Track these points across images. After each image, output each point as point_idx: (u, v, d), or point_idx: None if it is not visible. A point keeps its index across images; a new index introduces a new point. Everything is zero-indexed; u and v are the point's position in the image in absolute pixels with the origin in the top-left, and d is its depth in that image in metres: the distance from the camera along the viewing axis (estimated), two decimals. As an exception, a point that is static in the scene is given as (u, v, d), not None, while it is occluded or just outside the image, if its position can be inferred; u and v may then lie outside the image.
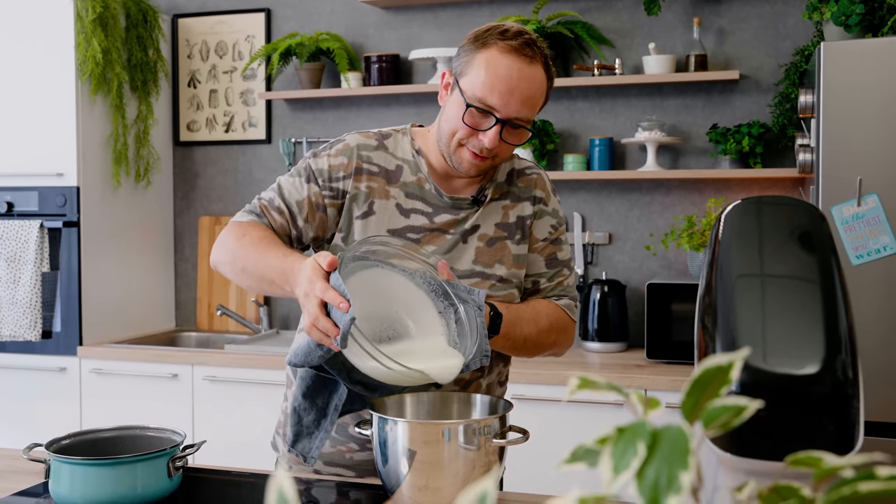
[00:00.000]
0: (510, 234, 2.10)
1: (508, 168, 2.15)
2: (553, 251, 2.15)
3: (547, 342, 2.10)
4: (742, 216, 1.43)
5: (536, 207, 2.13)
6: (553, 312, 2.11)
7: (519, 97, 1.94)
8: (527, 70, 1.94)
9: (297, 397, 1.92)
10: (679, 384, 3.47)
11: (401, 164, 2.08)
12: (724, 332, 1.28)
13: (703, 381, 0.72)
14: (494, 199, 2.11)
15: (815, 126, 3.31)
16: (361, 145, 2.09)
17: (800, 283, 1.34)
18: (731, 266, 1.35)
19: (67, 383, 4.24)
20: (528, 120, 1.98)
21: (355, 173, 2.05)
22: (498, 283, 2.07)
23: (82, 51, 4.19)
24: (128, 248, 4.54)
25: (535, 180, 2.16)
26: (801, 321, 1.28)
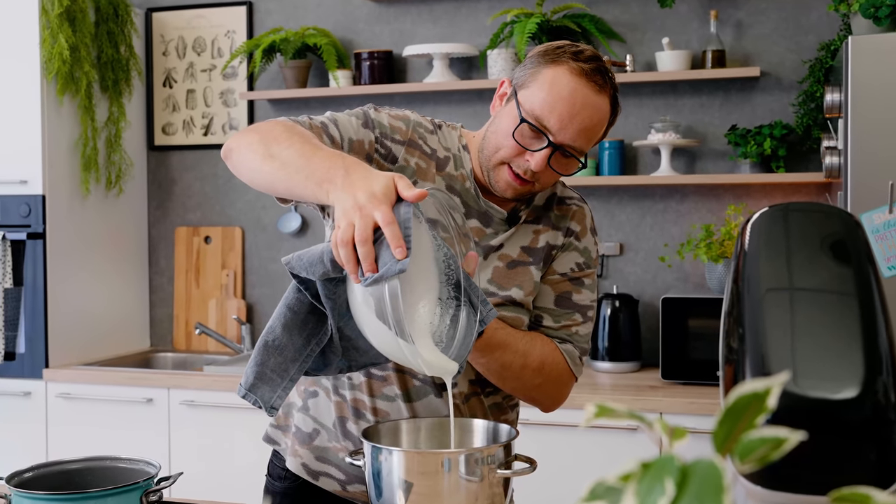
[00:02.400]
0: (535, 259, 2.07)
1: (549, 193, 2.12)
2: (568, 290, 2.09)
3: (530, 383, 2.03)
4: (770, 225, 1.41)
5: (567, 240, 2.10)
6: (550, 356, 2.05)
7: (579, 124, 1.91)
8: (593, 98, 1.92)
9: (275, 329, 1.76)
10: (697, 407, 3.46)
11: (449, 155, 2.07)
12: (752, 351, 1.26)
13: (736, 409, 0.70)
14: (528, 222, 2.09)
15: (842, 127, 3.29)
16: (418, 122, 2.07)
17: (835, 297, 1.32)
18: (759, 279, 1.33)
19: (32, 409, 4.21)
20: (582, 151, 1.95)
21: (409, 145, 2.03)
22: (509, 304, 2.05)
23: (48, 48, 4.17)
24: (98, 261, 4.51)
25: (575, 212, 2.12)
26: (837, 339, 1.26)
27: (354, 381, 2.06)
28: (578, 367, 2.08)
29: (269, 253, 4.66)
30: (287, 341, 1.75)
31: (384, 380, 2.03)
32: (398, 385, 2.02)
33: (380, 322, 1.56)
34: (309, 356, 1.77)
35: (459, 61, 4.40)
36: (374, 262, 1.52)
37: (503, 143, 1.95)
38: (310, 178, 1.65)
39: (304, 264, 1.64)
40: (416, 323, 1.68)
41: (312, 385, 2.15)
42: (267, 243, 4.68)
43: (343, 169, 1.61)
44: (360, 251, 1.52)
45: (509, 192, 1.99)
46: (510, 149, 1.94)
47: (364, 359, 1.80)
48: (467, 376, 2.05)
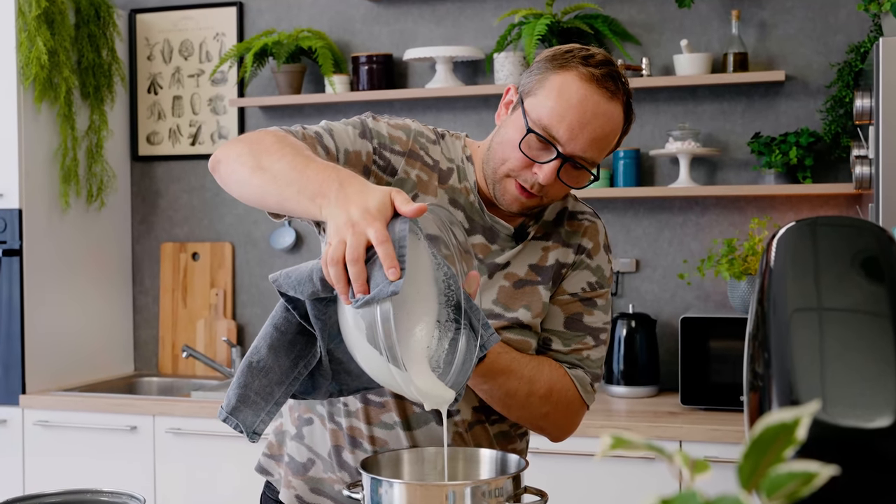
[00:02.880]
0: (544, 278, 2.07)
1: (560, 207, 2.11)
2: (579, 311, 2.08)
3: (537, 412, 2.02)
4: (797, 240, 1.41)
5: (578, 258, 2.09)
6: (559, 382, 2.04)
7: (590, 134, 1.91)
8: (605, 106, 1.91)
9: (260, 350, 1.74)
10: (720, 434, 3.45)
11: (452, 166, 2.07)
12: (779, 377, 1.25)
13: (763, 441, 0.69)
14: (536, 238, 2.08)
15: (873, 134, 3.29)
16: (420, 132, 2.07)
17: (867, 318, 1.32)
18: (785, 299, 1.32)
19: (8, 438, 4.21)
20: (593, 162, 1.95)
21: (409, 155, 2.03)
22: (516, 326, 2.04)
23: (25, 52, 4.18)
24: (78, 279, 4.52)
25: (587, 228, 2.11)
26: (869, 363, 1.25)
27: (351, 408, 2.06)
28: (590, 394, 2.08)
29: (261, 270, 4.67)
30: (273, 363, 1.73)
31: (382, 406, 2.03)
32: (397, 412, 2.02)
33: (371, 347, 1.56)
34: (296, 379, 1.76)
35: (464, 65, 4.41)
36: (365, 283, 1.52)
37: (509, 155, 1.95)
38: (302, 192, 1.64)
39: (293, 282, 1.63)
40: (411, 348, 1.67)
41: (307, 412, 2.15)
42: (258, 260, 4.68)
43: (337, 182, 1.61)
44: (351, 271, 1.51)
45: (515, 206, 1.98)
46: (517, 161, 1.94)
47: (356, 383, 1.79)
48: (470, 403, 2.05)
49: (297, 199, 1.65)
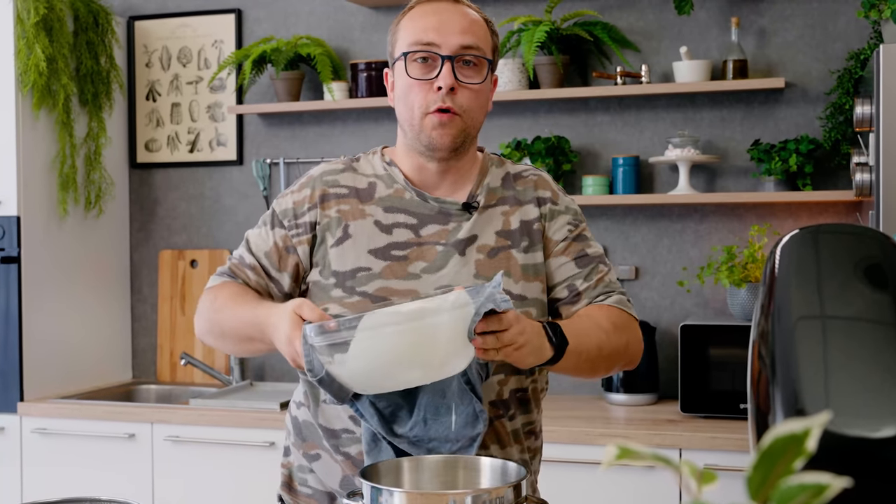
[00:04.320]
0: (514, 242, 2.12)
1: (502, 173, 2.19)
2: (580, 248, 2.17)
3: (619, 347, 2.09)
4: (800, 248, 1.40)
5: (544, 209, 2.17)
6: (611, 313, 2.11)
7: (457, 27, 2.05)
8: (452, 7, 2.08)
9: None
10: (720, 442, 3.44)
11: (373, 180, 2.17)
12: (784, 385, 1.24)
13: (772, 452, 0.68)
14: (491, 206, 2.14)
15: (873, 141, 3.29)
16: (326, 172, 2.19)
17: (871, 326, 1.31)
18: (789, 307, 1.32)
19: (5, 446, 4.20)
20: (478, 49, 2.05)
21: (321, 201, 2.14)
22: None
23: (23, 59, 4.17)
24: (76, 287, 4.51)
25: (536, 181, 2.20)
26: (873, 372, 1.25)
27: (356, 435, 2.08)
28: (631, 308, 2.17)
29: (260, 277, 4.65)
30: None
31: None
32: None
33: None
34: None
35: (463, 72, 4.40)
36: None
37: (411, 98, 2.07)
38: (254, 342, 2.03)
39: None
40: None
41: (313, 448, 2.18)
42: (257, 267, 4.67)
43: (260, 327, 1.98)
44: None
45: (446, 137, 2.06)
46: (418, 93, 2.05)
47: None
48: (487, 397, 2.06)
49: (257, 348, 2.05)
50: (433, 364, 1.81)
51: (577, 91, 4.10)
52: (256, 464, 3.88)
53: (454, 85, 2.02)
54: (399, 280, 2.08)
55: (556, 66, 4.11)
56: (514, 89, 4.16)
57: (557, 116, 4.30)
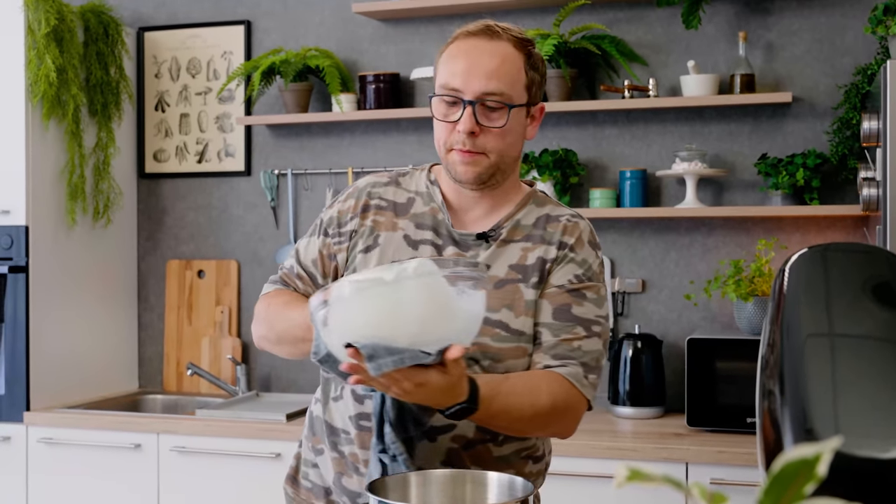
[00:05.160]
0: (525, 276, 2.12)
1: (540, 213, 2.19)
2: (567, 302, 2.11)
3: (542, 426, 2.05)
4: (809, 267, 1.40)
5: (561, 253, 2.14)
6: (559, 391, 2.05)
7: (481, 72, 2.06)
8: (487, 45, 2.09)
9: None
10: (727, 456, 3.44)
11: (413, 196, 2.21)
12: (793, 404, 1.24)
13: (784, 477, 0.68)
14: (514, 241, 2.15)
15: (880, 156, 3.29)
16: (372, 184, 2.24)
17: (880, 345, 1.31)
18: (799, 325, 1.32)
19: (12, 455, 4.20)
20: (501, 94, 2.06)
21: (362, 211, 2.20)
22: (504, 332, 2.08)
23: (34, 69, 4.19)
24: (84, 296, 4.51)
25: (567, 226, 2.17)
26: (883, 391, 1.25)
27: (350, 435, 2.12)
28: (588, 387, 2.10)
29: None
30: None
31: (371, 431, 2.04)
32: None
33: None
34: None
35: (471, 85, 4.40)
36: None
37: (438, 134, 2.11)
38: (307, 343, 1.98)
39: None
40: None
41: (319, 443, 2.23)
42: (264, 278, 4.67)
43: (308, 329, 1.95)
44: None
45: (469, 173, 2.09)
46: (443, 131, 2.09)
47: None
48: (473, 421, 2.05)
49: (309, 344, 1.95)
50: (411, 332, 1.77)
51: (584, 104, 4.11)
52: (262, 475, 3.88)
53: (474, 129, 2.05)
54: None
55: (564, 79, 4.12)
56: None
57: (565, 129, 4.30)
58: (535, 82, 2.13)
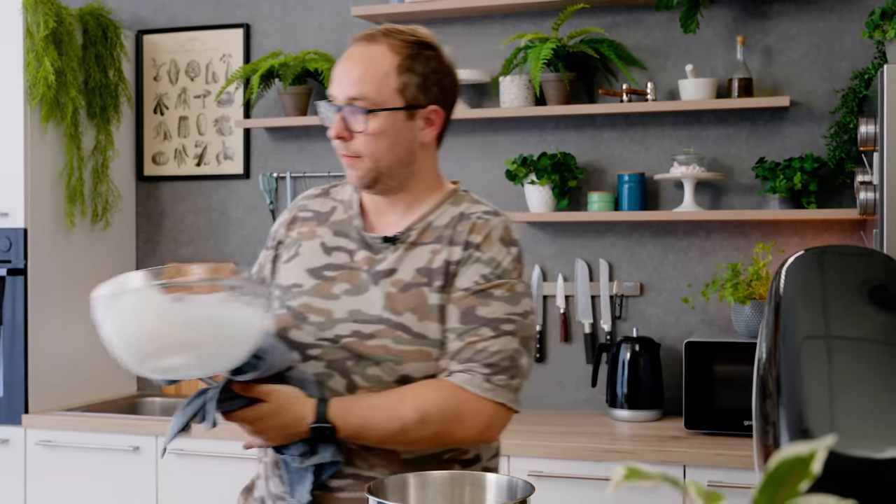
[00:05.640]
0: (430, 280, 2.12)
1: (454, 213, 2.19)
2: (472, 305, 2.09)
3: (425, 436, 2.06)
4: (806, 270, 1.41)
5: (466, 253, 2.13)
6: (431, 398, 2.06)
7: (347, 77, 2.11)
8: (360, 51, 2.13)
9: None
10: (724, 459, 3.44)
11: (336, 205, 2.28)
12: (789, 405, 1.25)
13: (778, 475, 0.69)
14: (424, 243, 2.16)
15: (877, 160, 3.30)
16: (305, 196, 2.35)
17: (876, 347, 1.32)
18: (795, 327, 1.33)
19: (10, 457, 4.20)
20: (365, 99, 2.09)
21: (289, 223, 2.30)
22: (406, 335, 2.09)
23: (32, 71, 4.19)
24: (82, 299, 4.48)
25: (476, 225, 2.16)
26: (879, 393, 1.26)
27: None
28: (494, 390, 2.06)
29: (265, 291, 4.66)
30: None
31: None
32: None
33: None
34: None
35: (470, 88, 4.42)
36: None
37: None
38: None
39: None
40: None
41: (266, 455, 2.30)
42: (263, 281, 4.67)
43: None
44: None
45: (351, 177, 2.16)
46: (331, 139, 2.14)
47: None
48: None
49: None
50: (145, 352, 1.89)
51: (583, 108, 4.12)
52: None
53: (342, 134, 2.11)
54: (320, 298, 2.16)
55: (563, 82, 4.13)
56: (520, 105, 4.18)
57: (564, 133, 4.31)
58: (414, 85, 2.12)
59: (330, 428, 2.01)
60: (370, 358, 2.09)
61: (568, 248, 4.31)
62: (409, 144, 2.16)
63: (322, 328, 2.14)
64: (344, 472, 2.11)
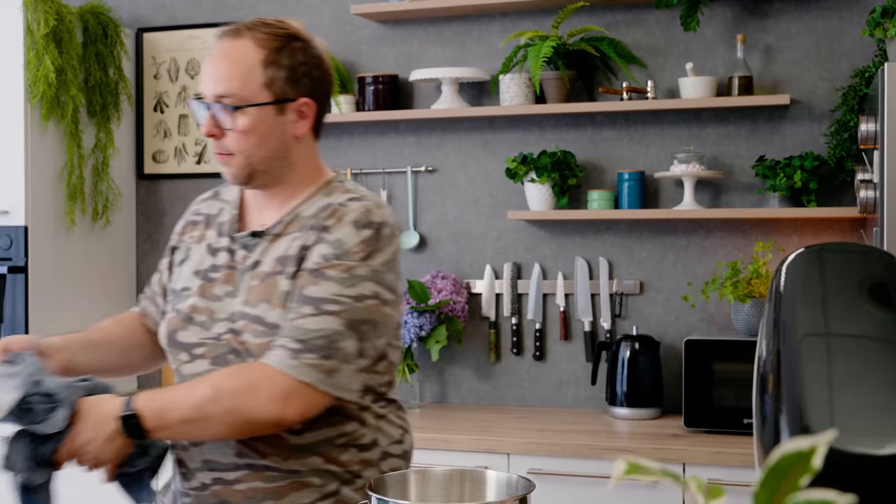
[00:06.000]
0: (284, 267, 2.12)
1: (324, 203, 2.17)
2: (305, 283, 2.07)
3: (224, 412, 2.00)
4: (805, 267, 1.41)
5: (318, 236, 2.11)
6: (229, 373, 2.05)
7: (213, 75, 2.11)
8: (225, 47, 2.12)
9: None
10: (723, 457, 3.45)
11: (224, 206, 2.29)
12: (789, 402, 1.26)
13: (779, 469, 0.70)
14: (288, 234, 2.16)
15: (877, 159, 3.30)
16: (197, 200, 2.39)
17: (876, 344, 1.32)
18: (795, 325, 1.33)
19: (11, 454, 4.20)
20: (231, 96, 2.09)
21: (183, 229, 2.33)
22: (260, 326, 2.08)
23: (33, 70, 4.19)
24: (83, 297, 4.52)
25: (337, 210, 2.13)
26: (878, 389, 1.26)
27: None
28: (297, 367, 2.00)
29: (265, 289, 4.66)
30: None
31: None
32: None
33: None
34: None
35: (470, 86, 4.42)
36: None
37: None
38: None
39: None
40: None
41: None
42: (263, 279, 4.68)
43: None
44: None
45: (226, 174, 2.17)
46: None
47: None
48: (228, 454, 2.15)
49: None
50: None
51: (583, 106, 4.12)
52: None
53: (213, 132, 2.12)
54: (205, 300, 2.18)
55: (563, 81, 4.13)
56: (520, 104, 4.18)
57: (563, 131, 4.31)
58: (281, 79, 2.11)
59: (135, 416, 2.00)
60: (243, 353, 2.10)
61: (568, 247, 4.31)
62: (281, 138, 2.15)
63: (205, 328, 2.15)
64: (237, 463, 2.11)
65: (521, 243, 4.36)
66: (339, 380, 2.03)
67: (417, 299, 4.17)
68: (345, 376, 2.04)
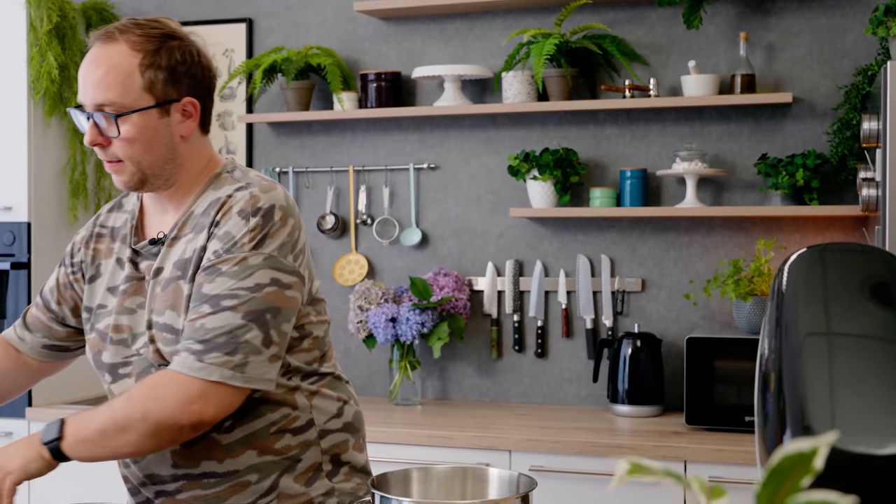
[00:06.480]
0: (184, 271, 2.08)
1: (214, 197, 2.12)
2: (200, 282, 2.03)
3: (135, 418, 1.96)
4: (807, 267, 1.42)
5: (210, 231, 2.07)
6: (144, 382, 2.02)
7: (90, 83, 2.04)
8: (99, 53, 2.05)
9: None
10: (725, 455, 3.45)
11: (127, 216, 2.23)
12: (791, 402, 1.26)
13: (781, 470, 0.70)
14: (183, 236, 2.12)
15: (880, 157, 3.30)
16: (102, 211, 2.31)
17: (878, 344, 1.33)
18: (797, 324, 1.33)
19: (13, 450, 4.20)
20: (112, 104, 2.03)
21: (87, 241, 2.26)
22: (169, 334, 2.06)
23: (36, 66, 4.20)
24: (85, 293, 4.52)
25: (225, 203, 2.08)
26: (880, 389, 1.26)
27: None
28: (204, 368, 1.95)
29: (268, 286, 4.66)
30: None
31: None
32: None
33: None
34: None
35: (472, 84, 4.42)
36: None
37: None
38: None
39: None
40: None
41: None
42: (265, 275, 4.68)
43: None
44: None
45: (118, 182, 2.11)
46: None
47: None
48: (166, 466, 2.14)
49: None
50: None
51: (585, 104, 4.12)
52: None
53: (98, 141, 2.05)
54: (122, 315, 2.14)
55: (565, 78, 4.13)
56: (522, 101, 4.18)
57: (566, 129, 4.31)
58: (161, 81, 2.06)
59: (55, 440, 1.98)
60: (163, 364, 2.06)
61: (570, 244, 4.31)
62: (168, 141, 2.08)
63: (126, 345, 2.12)
64: (175, 474, 2.11)
65: (523, 240, 4.36)
66: (251, 372, 1.98)
67: (419, 296, 4.17)
68: (256, 367, 1.98)
